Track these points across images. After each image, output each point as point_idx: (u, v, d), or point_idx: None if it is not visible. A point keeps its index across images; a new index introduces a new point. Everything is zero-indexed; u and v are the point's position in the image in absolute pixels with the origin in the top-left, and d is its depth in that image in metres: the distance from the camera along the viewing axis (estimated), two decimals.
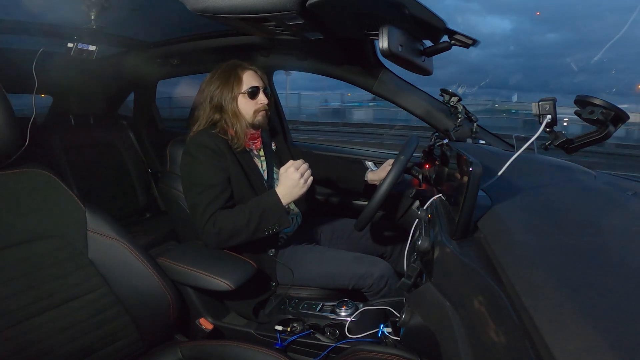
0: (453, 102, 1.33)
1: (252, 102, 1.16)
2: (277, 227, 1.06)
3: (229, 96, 1.14)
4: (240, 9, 0.81)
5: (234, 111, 1.15)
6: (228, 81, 1.15)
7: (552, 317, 0.31)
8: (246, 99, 1.16)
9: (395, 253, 1.36)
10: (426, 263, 0.65)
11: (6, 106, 0.74)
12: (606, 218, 0.56)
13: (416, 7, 0.78)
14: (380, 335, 0.93)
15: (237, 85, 1.15)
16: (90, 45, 1.40)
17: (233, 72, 1.16)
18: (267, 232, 1.06)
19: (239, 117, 1.15)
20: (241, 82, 1.15)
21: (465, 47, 0.97)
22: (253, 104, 1.16)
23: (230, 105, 1.14)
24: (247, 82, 1.16)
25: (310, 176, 1.05)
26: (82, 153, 1.88)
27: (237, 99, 1.15)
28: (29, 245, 0.76)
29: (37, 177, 0.82)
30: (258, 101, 1.17)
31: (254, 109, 1.16)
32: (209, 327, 1.07)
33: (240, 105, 1.16)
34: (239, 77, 1.15)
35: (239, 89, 1.15)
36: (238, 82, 1.15)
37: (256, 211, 1.04)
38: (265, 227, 1.05)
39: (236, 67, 1.17)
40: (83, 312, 0.79)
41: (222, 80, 1.15)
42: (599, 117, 0.72)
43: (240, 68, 1.17)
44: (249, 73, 1.17)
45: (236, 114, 1.15)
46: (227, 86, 1.14)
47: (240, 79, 1.15)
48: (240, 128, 1.14)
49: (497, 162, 0.71)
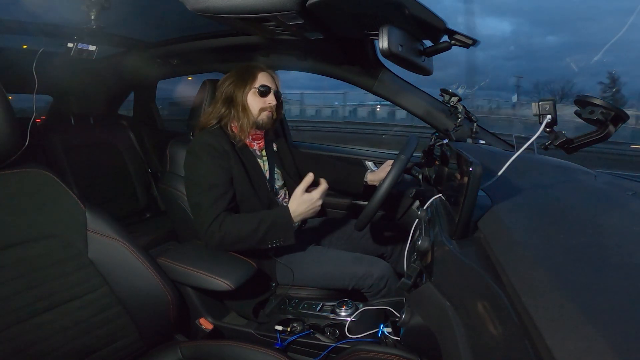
0: (453, 102, 1.33)
1: (261, 99, 1.19)
2: (282, 242, 1.08)
3: (241, 91, 1.18)
4: (240, 9, 0.81)
5: (243, 105, 1.18)
6: (243, 77, 1.19)
7: (552, 317, 0.31)
8: (256, 95, 1.19)
9: (395, 253, 1.36)
10: (426, 263, 0.65)
11: (6, 106, 0.74)
12: (606, 218, 0.56)
13: (416, 7, 0.78)
14: (380, 335, 0.93)
15: (251, 82, 1.18)
16: (90, 45, 1.40)
17: (250, 70, 1.20)
18: (271, 244, 1.08)
19: (247, 111, 1.18)
20: (255, 79, 1.19)
21: (465, 47, 0.97)
22: (261, 101, 1.19)
23: (241, 99, 1.18)
24: (260, 81, 1.19)
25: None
26: (82, 153, 1.88)
27: (248, 94, 1.18)
28: (29, 245, 0.76)
29: (37, 177, 0.82)
30: (267, 100, 1.19)
31: (261, 107, 1.19)
32: (209, 327, 1.07)
33: (249, 100, 1.18)
34: (254, 74, 1.19)
35: (251, 84, 1.18)
36: (252, 78, 1.19)
37: (265, 223, 1.06)
38: (270, 240, 1.07)
39: (254, 66, 1.22)
40: (83, 312, 0.79)
41: (237, 77, 1.20)
42: (599, 117, 0.72)
43: (257, 68, 1.21)
44: (264, 74, 1.21)
45: (245, 108, 1.18)
46: (241, 81, 1.19)
47: (254, 76, 1.19)
48: (246, 123, 1.17)
49: (497, 162, 0.71)
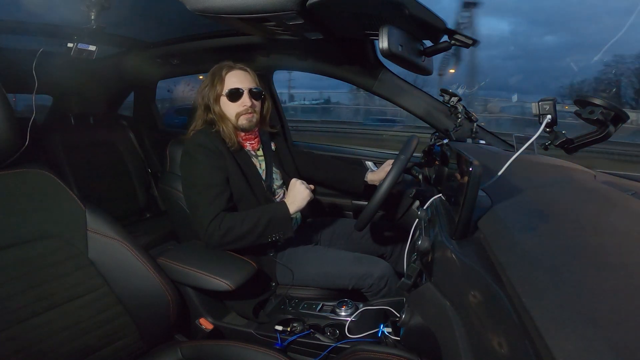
0: (453, 102, 1.33)
1: (233, 104, 1.14)
2: (282, 236, 1.09)
3: (212, 97, 1.13)
4: (240, 9, 0.81)
5: (219, 113, 1.14)
6: (213, 82, 1.14)
7: (552, 317, 0.31)
8: (226, 101, 1.14)
9: (395, 253, 1.36)
10: (426, 263, 0.65)
11: (6, 106, 0.74)
12: (606, 218, 0.56)
13: (416, 7, 0.79)
14: (380, 335, 0.93)
15: (220, 86, 1.13)
16: (90, 45, 1.40)
17: (218, 73, 1.14)
18: (270, 239, 1.09)
19: (224, 118, 1.14)
20: (223, 83, 1.13)
21: (465, 47, 0.97)
22: (235, 106, 1.14)
23: (215, 107, 1.13)
24: (228, 84, 1.13)
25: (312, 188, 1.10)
26: (82, 153, 1.88)
27: (220, 101, 1.14)
28: (29, 245, 0.76)
29: (37, 177, 0.82)
30: (241, 103, 1.13)
31: (236, 112, 1.14)
32: (209, 327, 1.07)
33: (223, 108, 1.14)
34: (221, 78, 1.13)
35: (220, 89, 1.13)
36: (220, 83, 1.13)
37: (264, 218, 1.06)
38: (270, 235, 1.08)
39: (222, 67, 1.15)
40: (83, 312, 0.79)
41: (209, 81, 1.15)
42: (599, 117, 0.72)
43: (225, 69, 1.15)
44: (233, 73, 1.14)
45: (221, 116, 1.14)
46: (212, 87, 1.13)
47: (222, 80, 1.13)
48: (227, 129, 1.13)
49: (497, 162, 0.71)
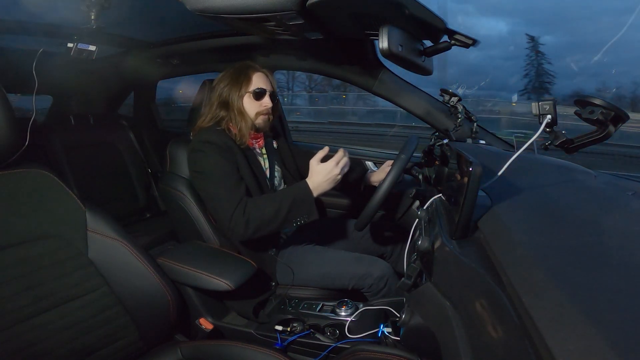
0: (453, 102, 1.33)
1: (256, 103, 1.18)
2: (306, 219, 1.07)
3: (236, 94, 1.16)
4: (240, 9, 0.81)
5: (240, 109, 1.16)
6: (238, 79, 1.17)
7: (552, 317, 0.31)
8: (251, 99, 1.17)
9: (395, 253, 1.36)
10: (426, 263, 0.65)
11: (6, 106, 0.74)
12: (606, 218, 0.56)
13: (416, 7, 0.78)
14: (380, 335, 0.93)
15: (246, 85, 1.17)
16: (90, 45, 1.40)
17: (244, 72, 1.18)
18: (295, 223, 1.06)
19: (244, 115, 1.17)
20: (250, 82, 1.17)
21: (465, 47, 0.97)
22: (257, 105, 1.18)
23: (237, 103, 1.16)
24: (255, 83, 1.18)
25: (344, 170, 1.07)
26: (82, 153, 1.88)
27: (244, 98, 1.17)
28: (29, 245, 0.76)
29: (37, 177, 0.82)
30: (262, 103, 1.18)
31: (257, 111, 1.18)
32: (209, 327, 1.07)
33: (245, 104, 1.17)
34: (248, 76, 1.17)
35: (246, 88, 1.17)
36: (247, 81, 1.17)
37: (286, 201, 1.04)
38: (294, 218, 1.05)
39: (248, 67, 1.19)
40: (83, 312, 0.79)
41: (232, 78, 1.18)
42: (599, 117, 0.72)
43: (251, 69, 1.19)
44: (259, 75, 1.19)
45: (241, 112, 1.17)
46: (236, 84, 1.17)
47: (249, 79, 1.17)
48: (245, 127, 1.16)
49: (497, 162, 0.71)
